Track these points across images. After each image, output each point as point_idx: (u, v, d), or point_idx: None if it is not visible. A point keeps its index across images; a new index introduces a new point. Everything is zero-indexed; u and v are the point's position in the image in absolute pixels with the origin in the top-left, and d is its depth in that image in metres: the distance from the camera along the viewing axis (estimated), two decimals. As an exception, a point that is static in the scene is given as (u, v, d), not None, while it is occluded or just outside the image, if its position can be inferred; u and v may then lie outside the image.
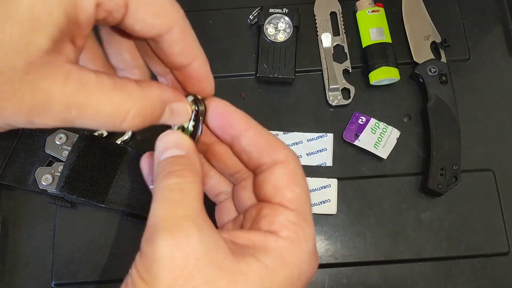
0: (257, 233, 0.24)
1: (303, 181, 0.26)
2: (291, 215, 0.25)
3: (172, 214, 0.23)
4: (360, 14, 0.54)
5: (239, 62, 0.54)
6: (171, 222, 0.22)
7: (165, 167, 0.25)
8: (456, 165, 0.48)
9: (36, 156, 0.48)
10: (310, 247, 0.24)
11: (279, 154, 0.26)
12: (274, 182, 0.26)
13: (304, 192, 0.26)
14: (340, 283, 0.46)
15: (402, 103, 0.52)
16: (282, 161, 0.26)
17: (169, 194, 0.24)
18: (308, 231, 0.25)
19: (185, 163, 0.25)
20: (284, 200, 0.25)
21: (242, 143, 0.27)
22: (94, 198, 0.45)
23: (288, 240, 0.24)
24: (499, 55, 0.54)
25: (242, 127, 0.27)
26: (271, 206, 0.25)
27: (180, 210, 0.23)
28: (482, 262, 0.47)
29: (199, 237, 0.22)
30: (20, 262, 0.47)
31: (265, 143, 0.26)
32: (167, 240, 0.21)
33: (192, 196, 0.24)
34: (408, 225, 0.48)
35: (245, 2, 0.56)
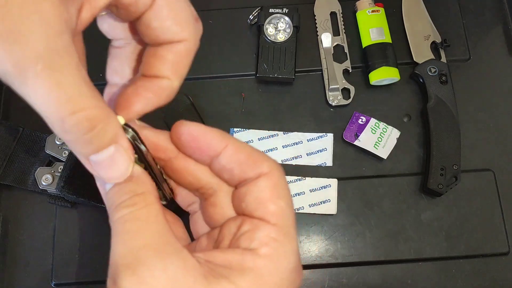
0: (234, 253, 0.23)
1: (287, 193, 0.25)
2: (272, 231, 0.23)
3: (131, 248, 0.21)
4: (360, 14, 0.54)
5: (239, 62, 0.54)
6: (130, 257, 0.21)
7: (113, 199, 0.24)
8: (456, 165, 0.48)
9: (36, 156, 0.48)
10: (291, 263, 0.23)
11: (262, 166, 0.24)
12: (256, 195, 0.24)
13: (287, 205, 0.24)
14: (340, 283, 0.46)
15: (402, 103, 0.52)
16: (266, 173, 0.24)
17: (124, 227, 0.23)
18: (289, 246, 0.23)
19: (132, 189, 0.23)
20: (266, 214, 0.24)
21: (222, 161, 0.25)
22: (94, 198, 0.45)
23: (267, 259, 0.23)
24: (499, 55, 0.54)
25: (219, 146, 0.25)
26: (251, 221, 0.24)
27: (137, 241, 0.22)
28: (482, 262, 0.47)
29: (163, 266, 0.21)
30: (20, 262, 0.47)
31: (246, 158, 0.25)
32: (130, 278, 0.20)
33: (148, 221, 0.22)
34: (408, 225, 0.48)
35: (245, 2, 0.56)
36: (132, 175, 0.24)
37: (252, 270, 0.22)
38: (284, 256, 0.23)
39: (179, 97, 0.51)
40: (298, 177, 0.49)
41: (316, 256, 0.47)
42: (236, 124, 0.51)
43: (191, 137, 0.25)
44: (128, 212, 0.23)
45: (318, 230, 0.48)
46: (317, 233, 0.48)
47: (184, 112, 0.50)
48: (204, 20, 0.59)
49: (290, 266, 0.23)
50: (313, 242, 0.47)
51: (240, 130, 0.51)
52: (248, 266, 0.22)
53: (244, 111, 0.52)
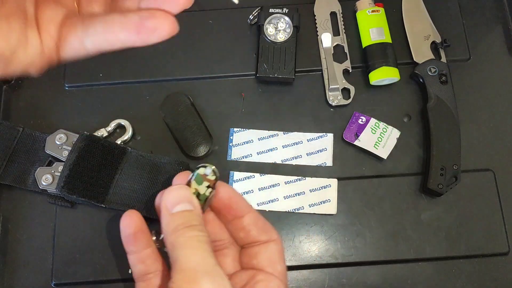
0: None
1: (284, 257, 0.34)
2: (280, 284, 0.32)
3: (208, 262, 0.28)
4: (360, 14, 0.54)
5: (239, 62, 0.54)
6: (210, 268, 0.27)
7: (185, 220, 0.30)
8: (456, 165, 0.48)
9: (36, 156, 0.48)
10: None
11: (273, 234, 0.33)
12: (269, 256, 0.32)
13: (285, 267, 0.33)
14: (340, 283, 0.46)
15: (402, 103, 0.52)
16: (275, 240, 0.33)
17: (200, 245, 0.28)
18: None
19: (199, 219, 0.30)
20: (276, 271, 0.32)
21: (244, 222, 0.33)
22: (94, 198, 0.45)
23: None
24: (499, 55, 0.54)
25: (246, 210, 0.33)
26: (265, 274, 0.32)
27: (212, 259, 0.28)
28: (482, 262, 0.47)
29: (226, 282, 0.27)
30: (20, 262, 0.47)
31: (263, 225, 0.33)
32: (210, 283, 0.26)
33: (211, 248, 0.29)
34: (408, 225, 0.48)
35: (245, 2, 0.56)
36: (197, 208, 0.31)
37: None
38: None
39: (179, 97, 0.51)
40: (298, 177, 0.49)
41: (316, 256, 0.47)
42: (236, 124, 0.51)
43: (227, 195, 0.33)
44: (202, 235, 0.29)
45: (318, 230, 0.48)
46: (317, 233, 0.48)
47: (184, 112, 0.50)
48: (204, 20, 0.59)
49: None
50: (313, 242, 0.47)
51: (240, 130, 0.51)
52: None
53: (244, 111, 0.52)
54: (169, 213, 0.30)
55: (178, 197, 0.31)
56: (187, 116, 0.50)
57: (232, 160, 0.50)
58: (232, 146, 0.50)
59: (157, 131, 0.51)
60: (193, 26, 0.55)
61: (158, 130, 0.51)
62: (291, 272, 0.47)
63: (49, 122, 0.51)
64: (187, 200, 0.31)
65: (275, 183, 0.49)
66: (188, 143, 0.49)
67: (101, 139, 0.47)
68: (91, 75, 0.53)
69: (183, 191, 0.31)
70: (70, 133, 0.48)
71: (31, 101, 0.53)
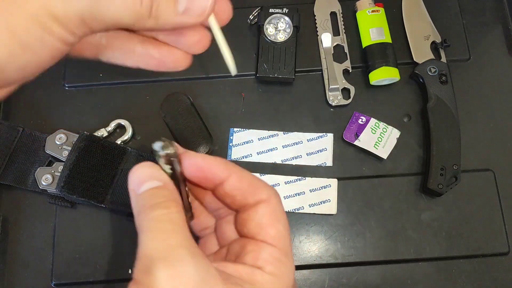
0: (244, 266, 0.26)
1: (283, 217, 0.28)
2: (274, 251, 0.26)
3: (167, 245, 0.23)
4: (360, 14, 0.54)
5: (239, 62, 0.53)
6: (167, 252, 0.23)
7: (148, 199, 0.26)
8: (456, 165, 0.48)
9: (36, 156, 0.48)
10: (291, 280, 0.26)
11: (261, 193, 0.28)
12: (257, 221, 0.27)
13: (284, 228, 0.27)
14: (340, 283, 0.46)
15: (402, 103, 0.52)
16: (265, 200, 0.27)
17: (159, 225, 0.24)
18: (289, 266, 0.27)
19: (167, 194, 0.26)
20: (267, 237, 0.27)
21: (225, 189, 0.28)
22: (94, 198, 0.45)
23: (272, 275, 0.26)
24: (499, 55, 0.54)
25: (224, 175, 0.28)
26: (255, 243, 0.27)
27: (173, 240, 0.24)
28: (482, 262, 0.47)
29: (194, 265, 0.23)
30: (20, 262, 0.47)
31: (248, 186, 0.28)
32: (166, 271, 0.22)
33: (180, 225, 0.25)
34: (408, 225, 0.48)
35: (245, 2, 0.56)
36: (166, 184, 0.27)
37: (260, 283, 0.25)
38: (286, 274, 0.26)
39: (179, 97, 0.51)
40: (298, 177, 0.49)
41: (316, 256, 0.47)
42: (236, 124, 0.51)
43: (197, 168, 0.28)
44: (165, 213, 0.25)
45: (318, 230, 0.48)
46: (317, 233, 0.48)
47: (184, 112, 0.50)
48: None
49: (290, 283, 0.26)
50: (313, 242, 0.47)
51: (240, 130, 0.51)
52: (257, 280, 0.25)
53: (244, 111, 0.52)
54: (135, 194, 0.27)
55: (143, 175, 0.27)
56: (187, 116, 0.50)
57: (232, 160, 0.50)
58: (232, 146, 0.51)
59: (157, 131, 0.51)
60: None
61: (158, 130, 0.51)
62: (291, 272, 0.47)
63: (49, 122, 0.51)
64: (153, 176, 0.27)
65: (275, 183, 0.49)
66: (188, 143, 0.49)
67: (101, 139, 0.47)
68: (91, 75, 0.53)
69: (147, 168, 0.27)
70: (70, 133, 0.48)
71: (31, 101, 0.53)
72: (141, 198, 0.26)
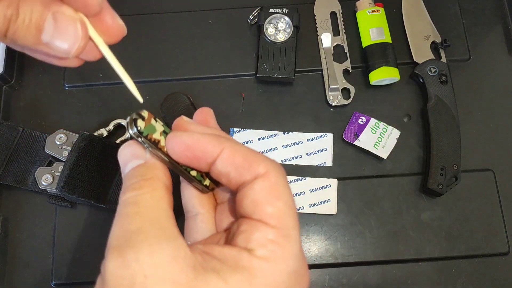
0: (232, 249, 0.23)
1: (286, 193, 0.24)
2: (270, 232, 0.23)
3: (123, 230, 0.22)
4: (360, 14, 0.54)
5: (239, 62, 0.54)
6: (122, 239, 0.21)
7: (125, 182, 0.24)
8: (456, 165, 0.48)
9: (36, 156, 0.48)
10: (290, 266, 0.23)
11: (258, 167, 0.24)
12: (252, 198, 0.24)
13: (287, 205, 0.24)
14: (340, 283, 0.46)
15: (402, 103, 0.52)
16: (262, 174, 0.24)
17: (123, 210, 0.23)
18: (289, 249, 0.23)
19: (142, 173, 0.24)
20: (264, 216, 0.23)
21: (218, 166, 0.24)
22: (94, 198, 0.45)
23: (263, 260, 0.22)
24: (499, 55, 0.54)
25: (215, 151, 0.24)
26: (249, 222, 0.24)
27: (132, 225, 0.22)
28: (482, 262, 0.47)
29: (150, 251, 0.21)
30: (20, 262, 0.47)
31: (242, 160, 0.24)
32: (115, 259, 0.21)
33: (147, 206, 0.23)
34: (408, 225, 0.48)
35: (245, 2, 0.56)
36: (146, 161, 0.25)
37: (245, 269, 0.22)
38: (282, 259, 0.22)
39: (179, 97, 0.51)
40: (298, 177, 0.49)
41: (316, 256, 0.47)
42: (236, 124, 0.51)
43: (185, 147, 0.25)
44: (132, 195, 0.23)
45: (318, 230, 0.48)
46: (317, 233, 0.48)
47: (184, 112, 0.50)
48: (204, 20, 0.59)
49: (288, 269, 0.22)
50: (313, 242, 0.47)
51: (240, 130, 0.51)
52: (242, 265, 0.22)
53: (244, 111, 0.52)
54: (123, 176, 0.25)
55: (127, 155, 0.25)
56: (187, 116, 0.50)
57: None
58: (232, 146, 0.50)
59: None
60: (193, 26, 0.55)
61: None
62: (291, 272, 0.47)
63: (49, 122, 0.51)
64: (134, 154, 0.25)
65: (275, 183, 0.49)
66: (188, 143, 0.49)
67: (101, 139, 0.47)
68: (91, 75, 0.53)
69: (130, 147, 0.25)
70: (70, 133, 0.48)
71: (31, 101, 0.53)
72: (125, 180, 0.25)
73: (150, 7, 0.56)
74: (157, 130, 0.25)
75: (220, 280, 0.21)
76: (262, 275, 0.22)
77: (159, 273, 0.20)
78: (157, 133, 0.25)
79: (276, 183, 0.24)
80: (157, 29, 0.55)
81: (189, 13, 0.56)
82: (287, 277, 0.22)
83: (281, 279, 0.22)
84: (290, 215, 0.24)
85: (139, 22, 0.55)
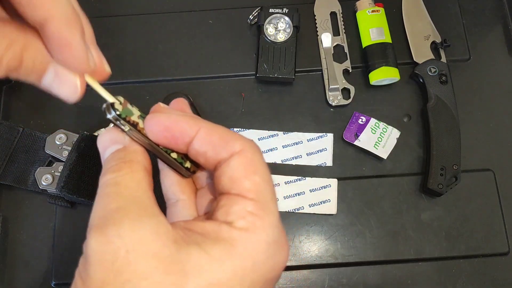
0: (211, 223, 0.23)
1: (262, 169, 0.25)
2: (248, 205, 0.23)
3: (104, 210, 0.23)
4: (360, 14, 0.54)
5: (239, 62, 0.54)
6: (103, 218, 0.22)
7: (104, 165, 0.25)
8: (456, 165, 0.48)
9: (36, 156, 0.48)
10: (269, 236, 0.23)
11: (234, 145, 0.25)
12: (230, 174, 0.24)
13: (263, 180, 0.24)
14: (340, 283, 0.46)
15: (402, 103, 0.52)
16: (238, 151, 0.24)
17: (104, 190, 0.24)
18: (267, 220, 0.24)
19: (121, 156, 0.25)
20: (242, 190, 0.24)
21: (195, 146, 0.25)
22: (94, 198, 0.45)
23: (243, 231, 0.23)
24: (499, 55, 0.54)
25: (192, 131, 0.25)
26: (228, 197, 0.24)
27: (112, 204, 0.22)
28: (482, 262, 0.47)
29: (131, 227, 0.21)
30: (20, 262, 0.47)
31: (219, 139, 0.25)
32: (97, 237, 0.21)
33: (128, 187, 0.23)
34: (408, 225, 0.48)
35: (245, 2, 0.56)
36: (126, 145, 0.25)
37: (226, 240, 0.22)
38: (262, 229, 0.23)
39: (179, 97, 0.51)
40: (298, 177, 0.49)
41: (316, 256, 0.47)
42: (236, 124, 0.51)
43: (163, 127, 0.25)
44: (112, 177, 0.24)
45: (318, 230, 0.48)
46: (317, 233, 0.48)
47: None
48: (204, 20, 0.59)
49: (268, 239, 0.23)
50: (313, 242, 0.47)
51: (240, 130, 0.51)
52: (223, 237, 0.23)
53: (244, 111, 0.52)
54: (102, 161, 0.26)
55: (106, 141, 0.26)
56: (187, 116, 0.50)
57: (232, 160, 0.50)
58: (232, 146, 0.50)
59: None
60: (193, 26, 0.55)
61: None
62: (291, 272, 0.47)
63: (49, 122, 0.51)
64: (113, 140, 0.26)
65: (275, 183, 0.49)
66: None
67: (101, 139, 0.47)
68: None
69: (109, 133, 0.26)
70: (70, 133, 0.48)
71: (31, 101, 0.53)
72: (104, 164, 0.25)
73: (150, 7, 0.56)
74: (134, 114, 0.26)
75: (202, 252, 0.22)
76: (243, 245, 0.23)
77: (142, 247, 0.21)
78: (135, 116, 0.26)
79: (252, 159, 0.25)
80: (157, 29, 0.55)
81: (189, 13, 0.56)
82: (267, 246, 0.23)
83: (261, 248, 0.23)
84: (267, 188, 0.24)
85: (139, 22, 0.55)
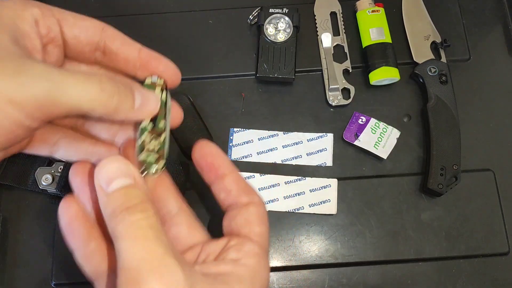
0: (226, 264, 0.27)
1: (267, 223, 0.31)
2: (255, 247, 0.28)
3: (153, 254, 0.23)
4: (360, 14, 0.54)
5: (239, 62, 0.54)
6: (155, 262, 0.22)
7: (121, 200, 0.24)
8: (456, 165, 0.48)
9: (36, 156, 0.48)
10: (267, 274, 0.29)
11: (255, 197, 0.31)
12: (246, 217, 0.30)
13: (267, 230, 0.30)
14: (340, 283, 0.46)
15: (402, 103, 0.52)
16: (256, 203, 0.30)
17: (142, 232, 0.23)
18: (267, 261, 0.29)
19: (141, 195, 0.25)
20: (251, 233, 0.29)
21: (225, 182, 0.31)
22: (94, 198, 0.45)
23: (252, 268, 0.27)
24: (499, 55, 0.54)
25: (228, 169, 0.31)
26: (238, 238, 0.29)
27: (158, 249, 0.23)
28: (482, 262, 0.47)
29: (183, 273, 0.23)
30: (20, 262, 0.47)
31: (245, 186, 0.31)
32: (157, 282, 0.22)
33: (160, 230, 0.24)
34: (408, 225, 0.48)
35: (245, 2, 0.56)
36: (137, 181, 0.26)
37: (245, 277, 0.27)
38: (264, 267, 0.29)
39: (179, 97, 0.51)
40: (298, 177, 0.49)
41: (316, 256, 0.47)
42: (236, 124, 0.51)
43: (209, 153, 0.31)
44: (143, 217, 0.24)
45: (318, 230, 0.48)
46: (317, 233, 0.48)
47: (184, 112, 0.50)
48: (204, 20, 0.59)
49: (267, 276, 0.29)
50: (313, 242, 0.47)
51: (240, 130, 0.51)
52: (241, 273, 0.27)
53: (244, 111, 0.52)
54: (104, 193, 0.25)
55: (113, 172, 0.25)
56: (187, 116, 0.50)
57: (232, 160, 0.50)
58: (232, 146, 0.51)
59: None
60: (193, 26, 0.55)
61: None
62: (291, 272, 0.47)
63: (49, 122, 0.51)
64: (124, 173, 0.25)
65: (275, 183, 0.49)
66: (188, 143, 0.49)
67: (101, 139, 0.47)
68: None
69: (117, 163, 0.25)
70: (70, 133, 0.48)
71: (31, 101, 0.53)
72: (113, 198, 0.25)
73: (150, 7, 0.56)
74: None
75: None
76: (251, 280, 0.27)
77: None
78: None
79: (264, 213, 0.31)
80: (157, 29, 0.55)
81: (189, 13, 0.56)
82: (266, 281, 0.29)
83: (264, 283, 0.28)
84: (267, 237, 0.31)
85: (139, 22, 0.55)
